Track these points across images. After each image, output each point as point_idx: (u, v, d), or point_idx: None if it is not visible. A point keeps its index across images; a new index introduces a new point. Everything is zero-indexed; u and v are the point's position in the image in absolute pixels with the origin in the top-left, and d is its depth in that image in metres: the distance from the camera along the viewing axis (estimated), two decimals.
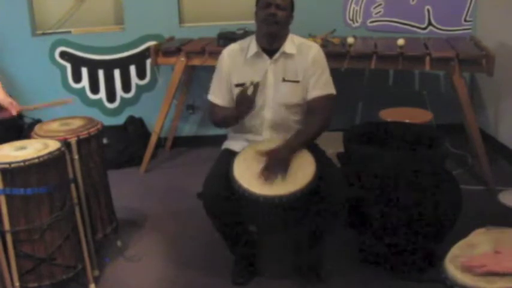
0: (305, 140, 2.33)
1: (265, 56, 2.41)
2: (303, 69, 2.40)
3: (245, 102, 2.30)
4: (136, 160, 3.91)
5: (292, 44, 2.42)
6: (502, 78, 3.51)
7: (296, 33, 2.49)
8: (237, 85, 2.43)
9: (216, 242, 2.52)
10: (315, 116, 2.39)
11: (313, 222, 2.29)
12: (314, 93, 2.40)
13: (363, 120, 4.12)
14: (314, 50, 2.43)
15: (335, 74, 2.52)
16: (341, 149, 2.55)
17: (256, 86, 2.28)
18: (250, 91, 2.28)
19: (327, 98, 2.41)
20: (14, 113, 2.54)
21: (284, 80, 2.40)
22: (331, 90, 2.43)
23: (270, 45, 2.39)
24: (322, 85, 2.41)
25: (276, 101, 2.42)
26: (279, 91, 2.41)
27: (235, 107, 2.37)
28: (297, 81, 2.41)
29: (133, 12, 4.07)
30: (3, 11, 4.03)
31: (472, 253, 1.59)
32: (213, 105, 2.51)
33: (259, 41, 2.41)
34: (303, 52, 2.42)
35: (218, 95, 2.49)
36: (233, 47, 2.50)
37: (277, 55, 2.40)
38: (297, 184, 2.12)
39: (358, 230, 2.51)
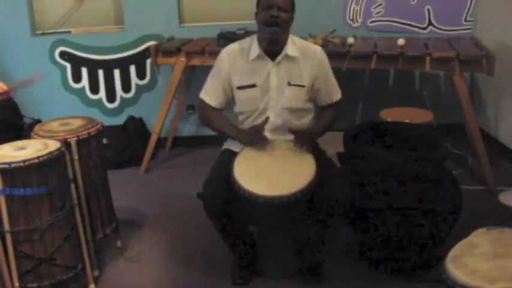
0: (323, 127, 2.51)
1: (268, 59, 2.39)
2: (308, 74, 2.40)
3: (259, 138, 2.37)
4: (136, 160, 3.91)
5: (293, 46, 2.41)
6: (503, 78, 3.51)
7: (296, 33, 2.48)
8: (239, 87, 2.42)
9: (216, 242, 2.52)
10: (329, 112, 2.52)
11: (313, 222, 2.29)
12: (330, 100, 2.52)
13: (363, 120, 4.11)
14: (318, 54, 2.44)
15: (335, 74, 2.52)
16: (341, 149, 2.55)
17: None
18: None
19: (337, 102, 2.54)
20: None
21: (290, 84, 2.40)
22: (339, 95, 2.54)
23: (272, 47, 2.39)
24: (331, 93, 2.51)
25: (279, 105, 2.41)
26: (283, 95, 2.40)
27: (237, 129, 2.45)
28: (302, 86, 2.41)
29: (133, 12, 4.07)
30: (3, 11, 4.03)
31: (472, 253, 1.59)
32: (205, 105, 2.50)
33: (260, 43, 2.39)
34: (307, 56, 2.41)
35: (212, 95, 2.47)
36: (233, 47, 2.47)
37: (279, 58, 2.39)
38: (297, 184, 2.11)
39: (358, 230, 2.51)
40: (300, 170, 2.20)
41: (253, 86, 2.41)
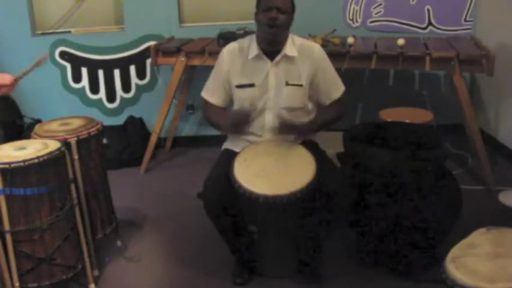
0: (325, 120, 2.48)
1: (266, 59, 2.40)
2: (306, 73, 2.40)
3: (242, 122, 2.33)
4: (136, 160, 3.91)
5: (292, 45, 2.41)
6: (502, 78, 3.51)
7: (296, 33, 2.48)
8: (238, 86, 2.43)
9: (216, 242, 2.52)
10: (332, 108, 2.50)
11: (313, 222, 2.29)
12: (332, 97, 2.49)
13: (363, 120, 4.11)
14: (317, 52, 2.43)
15: None
16: (341, 149, 2.55)
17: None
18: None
19: (340, 98, 2.51)
20: (8, 82, 2.51)
21: (287, 84, 2.40)
22: (342, 88, 2.51)
23: (271, 47, 2.39)
24: (335, 88, 2.49)
25: (277, 105, 2.41)
26: (281, 94, 2.40)
27: (231, 122, 2.39)
28: (300, 85, 2.40)
29: (134, 12, 4.07)
30: (3, 11, 4.03)
31: (472, 253, 1.59)
32: (206, 103, 2.52)
33: (259, 43, 2.39)
34: (305, 54, 2.41)
35: (214, 93, 2.49)
36: (233, 46, 2.48)
37: (278, 58, 2.39)
38: (297, 184, 2.11)
39: (358, 230, 2.51)
40: (300, 170, 2.20)
41: (252, 85, 2.41)
